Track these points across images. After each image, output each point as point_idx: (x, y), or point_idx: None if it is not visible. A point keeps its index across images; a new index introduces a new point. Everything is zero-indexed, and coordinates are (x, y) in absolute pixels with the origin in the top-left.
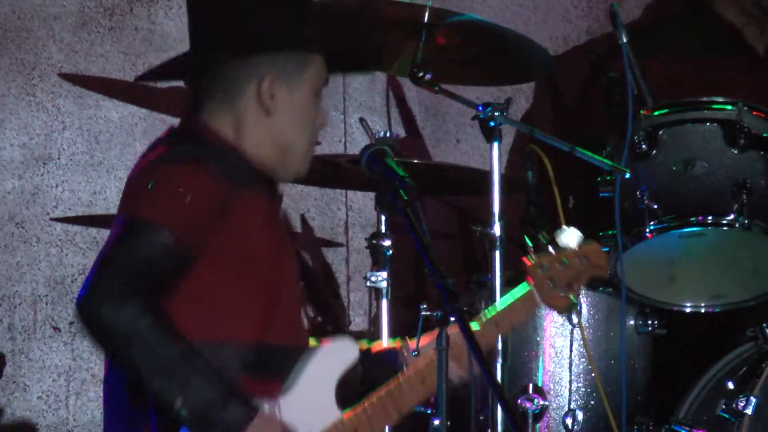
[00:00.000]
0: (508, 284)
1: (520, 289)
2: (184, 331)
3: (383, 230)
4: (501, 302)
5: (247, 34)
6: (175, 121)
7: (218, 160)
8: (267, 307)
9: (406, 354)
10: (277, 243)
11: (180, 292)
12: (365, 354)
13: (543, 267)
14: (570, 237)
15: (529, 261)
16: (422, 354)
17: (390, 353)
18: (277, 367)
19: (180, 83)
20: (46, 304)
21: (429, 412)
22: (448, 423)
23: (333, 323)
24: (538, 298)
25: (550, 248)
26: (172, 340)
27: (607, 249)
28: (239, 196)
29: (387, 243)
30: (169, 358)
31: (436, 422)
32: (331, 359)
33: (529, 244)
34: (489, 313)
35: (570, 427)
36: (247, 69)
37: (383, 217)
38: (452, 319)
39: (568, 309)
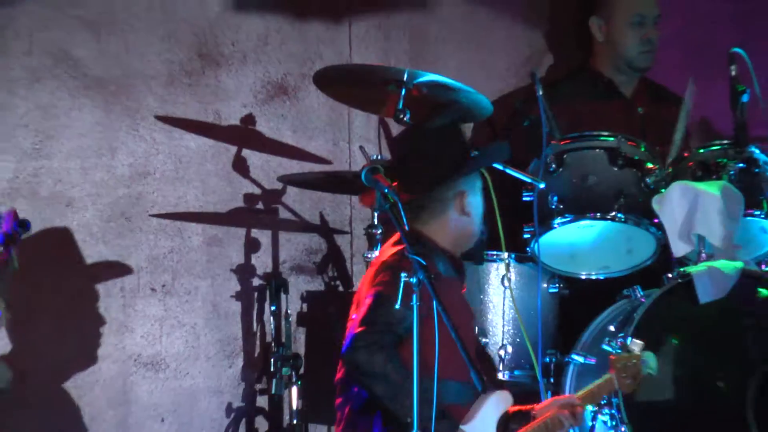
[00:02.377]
0: (464, 258)
1: (603, 376)
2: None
3: (375, 222)
4: (590, 385)
5: (449, 170)
6: (233, 149)
7: (437, 257)
8: (451, 355)
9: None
10: (460, 306)
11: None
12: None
13: (622, 364)
14: (636, 347)
15: (614, 356)
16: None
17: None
18: (466, 399)
19: (234, 122)
20: (146, 273)
21: None
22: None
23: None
24: (617, 384)
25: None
26: (405, 380)
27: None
28: (442, 278)
29: (378, 231)
30: (401, 392)
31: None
32: (497, 402)
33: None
34: (584, 389)
35: (502, 357)
36: (451, 191)
37: (376, 214)
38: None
39: (632, 392)
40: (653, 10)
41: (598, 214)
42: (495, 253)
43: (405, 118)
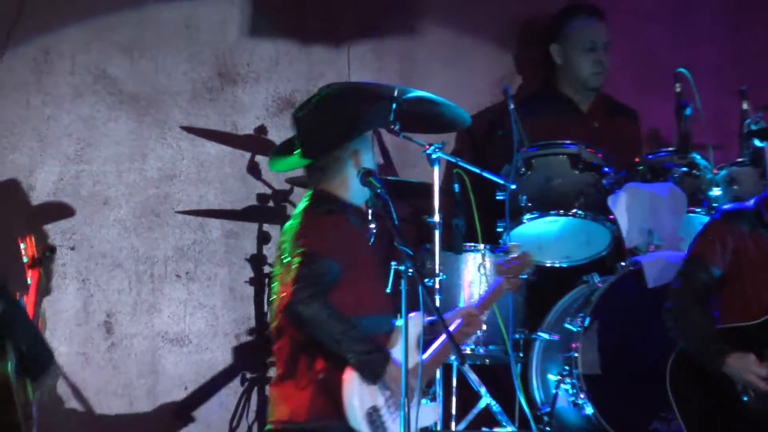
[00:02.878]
0: (446, 249)
1: (495, 280)
2: (343, 311)
3: (369, 217)
4: (485, 294)
5: (344, 134)
6: (247, 155)
7: (343, 209)
8: (370, 294)
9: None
10: (370, 250)
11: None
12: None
13: (508, 267)
14: (515, 247)
15: (499, 263)
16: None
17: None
18: (384, 328)
19: (249, 131)
20: (172, 261)
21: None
22: None
23: None
24: (506, 285)
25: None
26: (347, 319)
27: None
28: (351, 227)
29: (372, 225)
30: (340, 332)
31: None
32: (412, 326)
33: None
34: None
35: (478, 334)
36: (346, 151)
37: (370, 210)
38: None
39: (519, 288)
40: (603, 38)
41: (561, 211)
42: (473, 244)
43: (396, 129)
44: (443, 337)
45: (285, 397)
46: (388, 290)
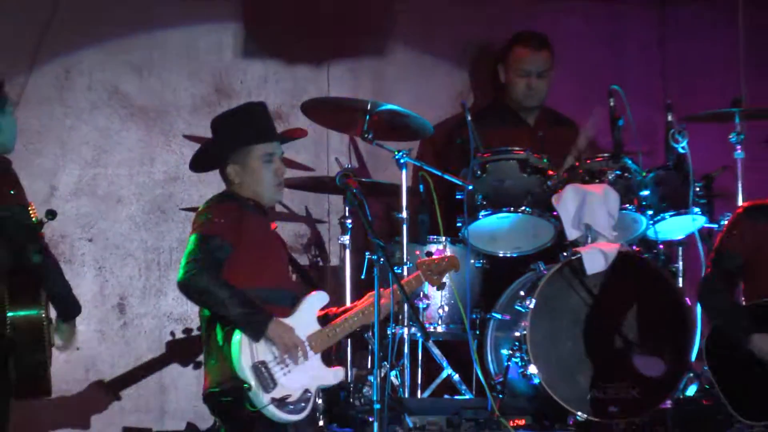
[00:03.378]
0: (412, 242)
1: (413, 275)
2: (239, 284)
3: (347, 214)
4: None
5: (228, 147)
6: None
7: (237, 200)
8: (268, 270)
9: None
10: (266, 236)
11: (228, 266)
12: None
13: (427, 264)
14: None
15: (420, 259)
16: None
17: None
18: (283, 301)
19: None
20: (176, 251)
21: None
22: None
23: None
24: (423, 278)
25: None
26: (232, 287)
27: (460, 246)
28: (246, 214)
29: (349, 221)
30: (227, 297)
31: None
32: (316, 300)
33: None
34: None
35: (440, 315)
36: (232, 165)
37: (347, 207)
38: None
39: (441, 287)
40: (539, 66)
41: (512, 208)
42: (435, 237)
43: (369, 137)
44: (342, 310)
45: (206, 371)
46: (362, 276)
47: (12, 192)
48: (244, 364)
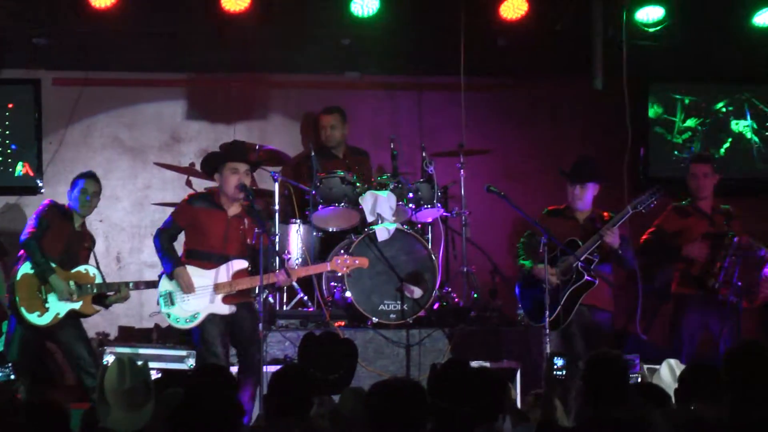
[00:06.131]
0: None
1: (321, 265)
2: (187, 247)
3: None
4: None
5: (213, 167)
6: (184, 177)
7: (201, 199)
8: (205, 241)
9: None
10: (209, 221)
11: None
12: None
13: (339, 261)
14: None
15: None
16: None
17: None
18: (211, 260)
19: (185, 164)
20: (149, 228)
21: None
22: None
23: None
24: (329, 267)
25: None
26: (168, 246)
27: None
28: (202, 208)
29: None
30: (164, 250)
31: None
32: (235, 264)
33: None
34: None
35: (297, 265)
36: (215, 174)
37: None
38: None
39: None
40: (329, 121)
41: (336, 204)
42: (293, 219)
43: (257, 163)
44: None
45: None
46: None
47: None
48: (159, 292)
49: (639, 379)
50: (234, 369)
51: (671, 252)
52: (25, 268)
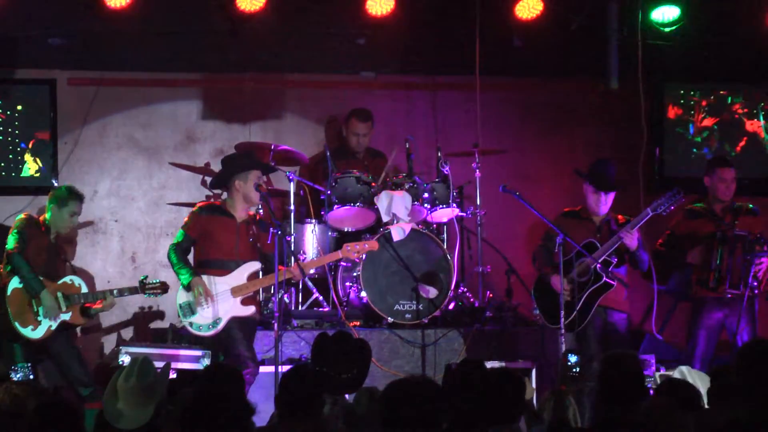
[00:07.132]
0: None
1: (333, 254)
2: (199, 256)
3: (260, 206)
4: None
5: (231, 172)
6: (199, 177)
7: (209, 209)
8: (217, 250)
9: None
10: (220, 229)
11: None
12: None
13: (349, 248)
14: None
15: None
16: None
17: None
18: (224, 267)
19: (201, 165)
20: (164, 228)
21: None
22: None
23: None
24: (341, 254)
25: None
26: (182, 259)
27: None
28: (211, 217)
29: (261, 209)
30: (179, 262)
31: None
32: (246, 267)
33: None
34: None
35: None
36: (235, 181)
37: (260, 202)
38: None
39: (359, 260)
40: (362, 131)
41: (352, 204)
42: (309, 219)
43: (272, 163)
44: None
45: None
46: (268, 241)
47: None
48: (178, 303)
49: (651, 385)
50: (262, 369)
51: (679, 259)
52: (14, 283)
